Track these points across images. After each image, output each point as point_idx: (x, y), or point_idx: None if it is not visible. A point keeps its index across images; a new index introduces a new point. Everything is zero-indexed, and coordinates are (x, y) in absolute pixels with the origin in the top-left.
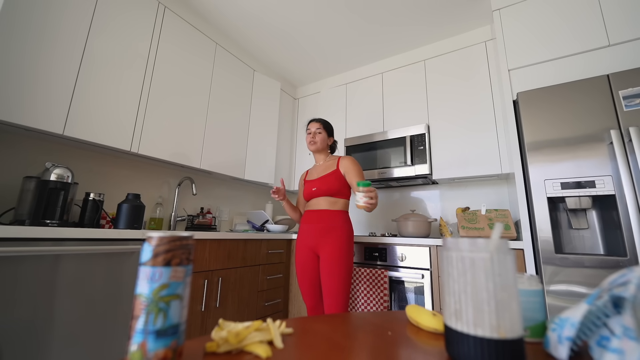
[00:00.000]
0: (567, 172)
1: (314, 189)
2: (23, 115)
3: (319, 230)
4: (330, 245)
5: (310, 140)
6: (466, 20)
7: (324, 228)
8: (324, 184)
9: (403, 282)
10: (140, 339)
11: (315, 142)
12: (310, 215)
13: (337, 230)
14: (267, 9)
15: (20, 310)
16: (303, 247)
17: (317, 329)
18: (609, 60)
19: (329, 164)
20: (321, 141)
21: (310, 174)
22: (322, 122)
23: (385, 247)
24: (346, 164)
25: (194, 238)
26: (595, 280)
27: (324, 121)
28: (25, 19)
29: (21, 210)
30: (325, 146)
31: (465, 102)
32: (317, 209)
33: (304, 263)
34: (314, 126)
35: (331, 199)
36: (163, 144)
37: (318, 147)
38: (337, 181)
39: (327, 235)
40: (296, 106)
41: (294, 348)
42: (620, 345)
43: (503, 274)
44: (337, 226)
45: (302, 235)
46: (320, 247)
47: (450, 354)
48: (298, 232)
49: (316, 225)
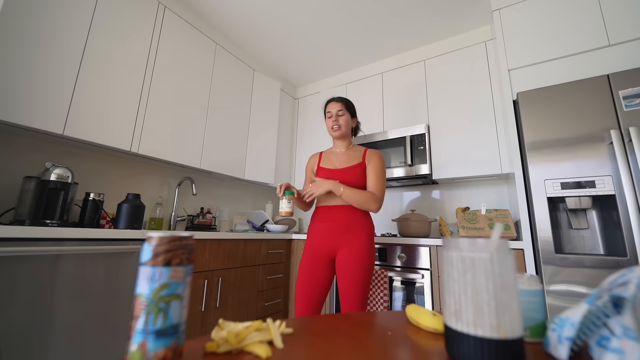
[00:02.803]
0: (567, 172)
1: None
2: (23, 115)
3: (338, 229)
4: (350, 245)
5: (332, 125)
6: (466, 20)
7: (344, 226)
8: (350, 176)
9: (403, 282)
10: (140, 339)
11: (340, 125)
12: (327, 212)
13: (359, 228)
14: (267, 9)
15: (20, 310)
16: (316, 251)
17: (317, 329)
18: (609, 60)
19: (353, 153)
20: (345, 124)
21: (328, 161)
22: (344, 102)
23: (385, 247)
24: (372, 156)
25: (194, 238)
26: (595, 280)
27: (346, 100)
28: (25, 18)
29: (21, 210)
30: (350, 130)
31: (465, 102)
32: (335, 204)
33: (311, 270)
34: (334, 107)
35: None
36: (163, 144)
37: (343, 132)
38: (364, 175)
39: (348, 233)
40: (296, 106)
41: (294, 348)
42: (620, 345)
43: (503, 274)
44: (359, 224)
45: (316, 236)
46: (339, 248)
47: (450, 354)
48: (309, 233)
49: (335, 223)
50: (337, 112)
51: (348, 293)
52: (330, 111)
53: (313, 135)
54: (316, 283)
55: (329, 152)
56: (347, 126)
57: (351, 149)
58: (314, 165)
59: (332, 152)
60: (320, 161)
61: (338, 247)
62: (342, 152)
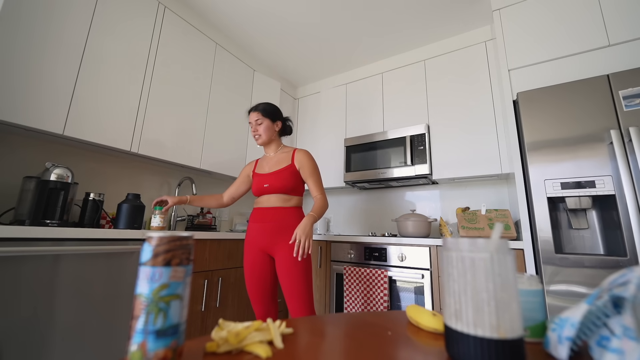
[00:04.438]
0: (567, 172)
1: (265, 185)
2: (23, 115)
3: (272, 230)
4: (286, 245)
5: (253, 135)
6: (466, 20)
7: (278, 227)
8: (277, 180)
9: (403, 282)
10: (140, 339)
11: (260, 134)
12: (261, 213)
13: (292, 228)
14: (267, 9)
15: (20, 310)
16: (253, 248)
17: (317, 329)
18: (609, 60)
19: (281, 156)
20: (265, 131)
21: (260, 166)
22: (260, 109)
23: (385, 247)
24: (301, 159)
25: (194, 238)
26: (595, 280)
27: (263, 107)
28: (25, 19)
29: (21, 210)
30: (273, 135)
31: (465, 102)
32: (268, 206)
33: (253, 266)
34: (252, 117)
35: (284, 196)
36: (163, 144)
37: (264, 139)
38: (292, 177)
39: (282, 234)
40: (296, 106)
41: (294, 348)
42: (620, 345)
43: (503, 274)
44: (292, 224)
45: (252, 235)
46: (274, 248)
47: (450, 354)
48: (247, 232)
49: (268, 224)
50: (256, 121)
51: (292, 294)
52: (250, 122)
53: (313, 135)
54: (262, 275)
55: (262, 158)
56: (267, 133)
57: (280, 152)
58: (250, 172)
59: (264, 158)
60: (256, 167)
61: (274, 246)
62: (272, 157)
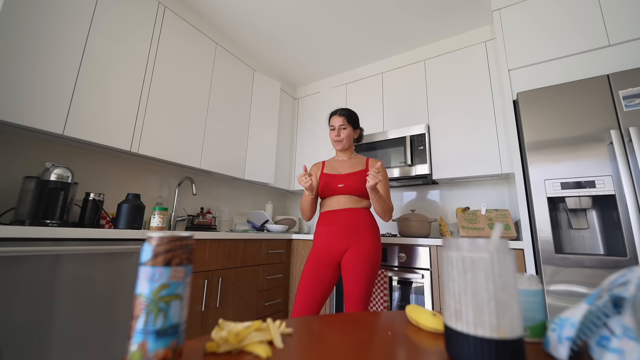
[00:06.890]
0: (567, 172)
1: (340, 185)
2: (23, 115)
3: (346, 230)
4: (356, 245)
5: (334, 139)
6: (466, 20)
7: (352, 227)
8: (354, 182)
9: (403, 282)
10: (140, 339)
11: (342, 139)
12: (333, 215)
13: (365, 228)
14: (267, 9)
15: (20, 310)
16: (323, 253)
17: (317, 329)
18: (609, 60)
19: (356, 161)
20: (347, 137)
21: (332, 168)
22: (346, 115)
23: (385, 247)
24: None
25: (194, 238)
26: (595, 280)
27: (348, 113)
28: (25, 18)
29: (21, 210)
30: (351, 142)
31: (465, 102)
32: (339, 208)
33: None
34: (337, 121)
35: (356, 197)
36: (163, 144)
37: (344, 145)
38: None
39: (354, 234)
40: (296, 106)
41: (294, 348)
42: (620, 345)
43: (503, 274)
44: (364, 225)
45: (323, 239)
46: (345, 249)
47: (450, 354)
48: (316, 236)
49: (340, 225)
50: (340, 126)
51: (352, 293)
52: (333, 125)
53: (313, 135)
54: (318, 286)
55: (332, 161)
56: (348, 139)
57: (353, 158)
58: (317, 172)
59: (335, 160)
60: (324, 168)
61: (344, 248)
62: (345, 160)
